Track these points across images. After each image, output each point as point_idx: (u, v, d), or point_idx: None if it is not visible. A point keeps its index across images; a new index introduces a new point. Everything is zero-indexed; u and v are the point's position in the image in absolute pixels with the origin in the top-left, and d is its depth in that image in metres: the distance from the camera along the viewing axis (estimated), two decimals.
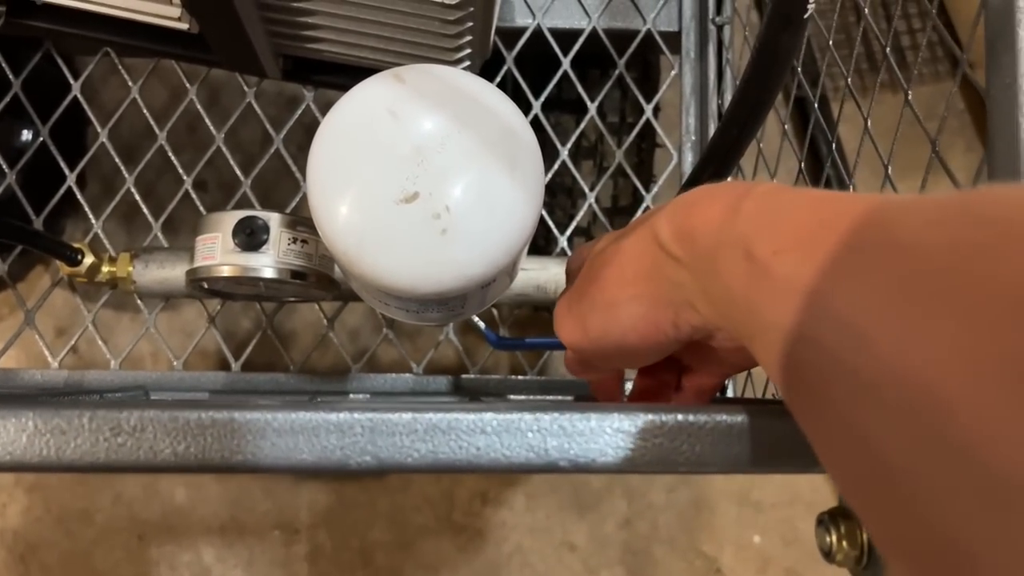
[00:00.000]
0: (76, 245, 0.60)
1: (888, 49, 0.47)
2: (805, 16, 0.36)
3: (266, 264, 0.52)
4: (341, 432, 0.28)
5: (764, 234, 0.27)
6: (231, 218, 0.52)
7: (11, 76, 0.66)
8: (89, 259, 0.60)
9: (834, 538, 0.30)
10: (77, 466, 0.28)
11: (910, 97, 0.43)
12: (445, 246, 0.39)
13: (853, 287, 0.22)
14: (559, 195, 0.81)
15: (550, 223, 0.68)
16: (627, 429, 0.29)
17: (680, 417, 0.29)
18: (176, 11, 0.57)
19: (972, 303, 0.19)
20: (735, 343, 0.35)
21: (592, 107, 0.68)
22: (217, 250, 0.52)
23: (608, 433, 0.29)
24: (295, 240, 0.53)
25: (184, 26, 0.59)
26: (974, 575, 0.18)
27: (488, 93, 0.42)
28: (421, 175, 0.39)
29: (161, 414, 0.28)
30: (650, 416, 0.29)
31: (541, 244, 0.79)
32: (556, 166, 0.68)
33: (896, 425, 0.20)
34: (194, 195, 0.67)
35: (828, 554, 0.30)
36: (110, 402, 0.28)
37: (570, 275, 0.44)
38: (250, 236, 0.52)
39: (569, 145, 0.68)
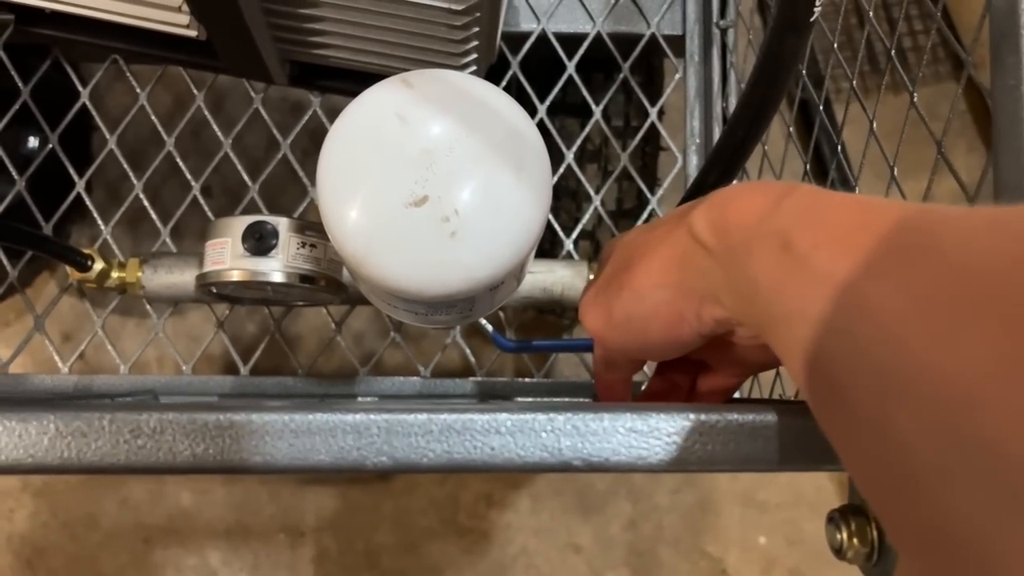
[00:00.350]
0: (86, 251, 0.60)
1: (891, 54, 0.48)
2: (811, 20, 0.36)
3: (275, 268, 0.53)
4: (358, 433, 0.29)
5: (804, 229, 0.27)
6: (240, 223, 0.53)
7: (20, 84, 0.67)
8: (99, 265, 0.61)
9: (845, 535, 0.30)
10: (97, 468, 0.28)
11: (916, 99, 0.43)
12: (454, 249, 0.40)
13: (891, 285, 0.23)
14: (564, 199, 0.81)
15: (556, 226, 0.68)
16: (640, 429, 0.29)
17: (692, 416, 0.29)
18: (185, 18, 0.58)
19: (1010, 311, 0.19)
20: (756, 340, 0.36)
21: (597, 111, 0.68)
22: (227, 255, 0.53)
23: (621, 433, 0.29)
24: (304, 244, 0.53)
25: (192, 33, 0.59)
26: (992, 574, 0.18)
27: (495, 97, 0.42)
28: (430, 178, 0.40)
29: (180, 416, 0.28)
30: (662, 416, 0.29)
31: (546, 248, 0.80)
32: (561, 170, 0.68)
33: (925, 422, 0.20)
34: (202, 201, 0.67)
35: (839, 551, 0.30)
36: (130, 404, 0.28)
37: (602, 265, 0.45)
38: (259, 241, 0.52)
39: (574, 149, 0.69)
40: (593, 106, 0.68)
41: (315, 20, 0.57)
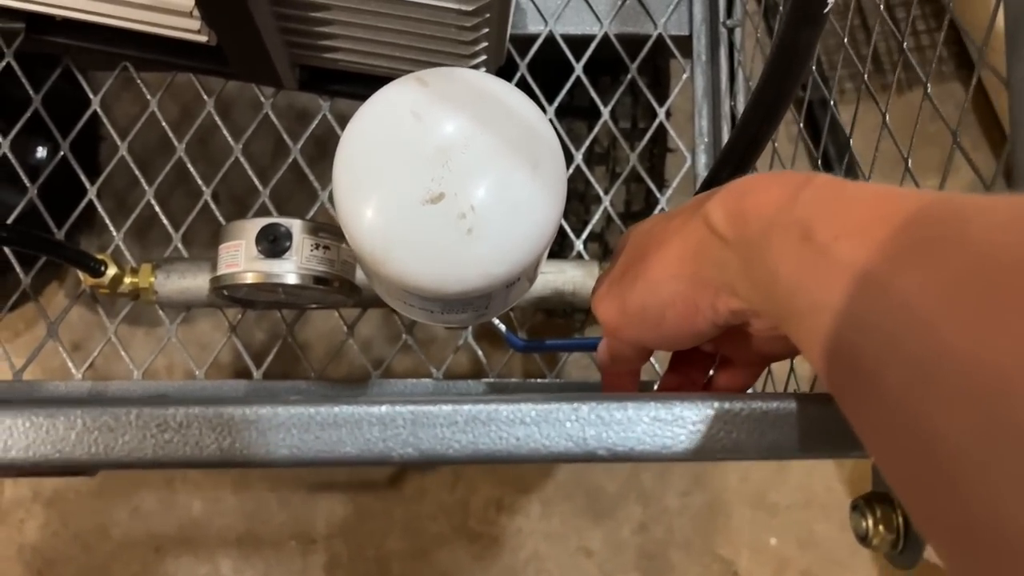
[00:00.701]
0: (99, 256, 0.61)
1: (903, 47, 0.48)
2: (825, 12, 0.36)
3: (289, 270, 0.53)
4: (383, 425, 0.29)
5: (824, 220, 0.27)
6: (254, 225, 0.53)
7: (31, 92, 0.67)
8: (112, 270, 0.61)
9: (870, 523, 0.30)
10: (125, 462, 0.28)
11: (929, 90, 0.43)
12: (471, 246, 0.40)
13: (919, 275, 0.22)
14: (573, 201, 0.82)
15: (566, 228, 0.69)
16: (664, 417, 0.29)
17: (716, 405, 0.30)
18: (195, 24, 0.58)
19: None
20: (773, 331, 0.36)
21: (605, 111, 0.68)
22: (240, 257, 0.53)
23: (645, 422, 0.29)
24: (317, 246, 0.54)
25: (203, 38, 0.59)
26: None
27: (510, 94, 0.42)
28: (446, 176, 0.40)
29: (206, 410, 0.29)
30: (686, 404, 0.30)
31: (555, 250, 0.80)
32: (570, 171, 0.68)
33: (958, 412, 0.20)
34: (213, 205, 0.68)
35: (864, 539, 0.30)
36: (156, 400, 0.28)
37: (616, 255, 0.44)
38: (273, 243, 0.52)
39: (582, 151, 0.69)
40: (601, 107, 0.69)
41: (326, 23, 0.57)
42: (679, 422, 0.29)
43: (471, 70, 0.43)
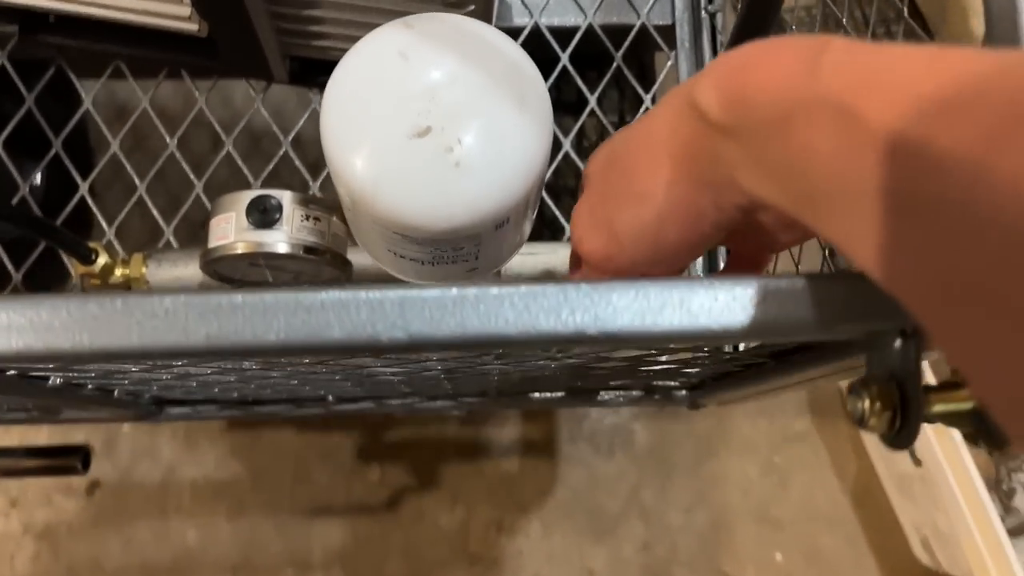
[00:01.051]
0: (91, 244, 0.60)
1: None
2: None
3: (279, 239, 0.53)
4: (371, 308, 0.28)
5: (868, 91, 0.23)
6: (245, 197, 0.53)
7: (24, 92, 0.68)
8: (103, 259, 0.61)
9: (867, 403, 0.30)
10: (111, 352, 0.28)
11: (906, 12, 0.44)
12: (459, 180, 0.40)
13: None
14: (564, 197, 0.82)
15: (558, 214, 0.69)
16: (653, 297, 0.29)
17: (707, 283, 0.29)
18: (186, 10, 0.59)
19: None
20: (783, 219, 0.33)
21: (592, 98, 0.69)
22: (231, 229, 0.53)
23: (636, 300, 0.29)
24: (307, 217, 0.54)
25: (194, 27, 0.60)
26: None
27: (494, 35, 0.43)
28: (433, 110, 0.40)
29: (193, 298, 0.28)
30: (676, 284, 0.29)
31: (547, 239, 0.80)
32: (559, 159, 0.69)
33: None
34: (205, 199, 0.68)
35: (861, 420, 0.30)
36: (142, 291, 0.28)
37: (587, 180, 0.38)
38: (264, 214, 0.53)
39: (571, 137, 0.69)
40: (588, 95, 0.70)
41: (315, 6, 0.58)
42: (668, 303, 0.29)
43: (455, 15, 0.44)
